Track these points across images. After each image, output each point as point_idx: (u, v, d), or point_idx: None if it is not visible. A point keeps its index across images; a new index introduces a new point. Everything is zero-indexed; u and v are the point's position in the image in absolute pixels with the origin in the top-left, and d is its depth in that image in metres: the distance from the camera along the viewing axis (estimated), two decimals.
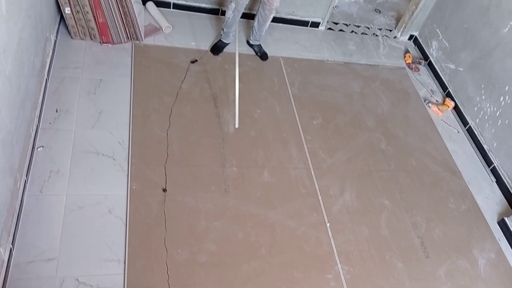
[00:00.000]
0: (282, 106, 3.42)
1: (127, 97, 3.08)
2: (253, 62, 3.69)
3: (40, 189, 2.47)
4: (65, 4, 3.09)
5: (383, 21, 4.67)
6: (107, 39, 3.33)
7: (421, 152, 3.45)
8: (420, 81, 4.12)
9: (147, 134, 2.92)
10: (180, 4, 3.86)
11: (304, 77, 3.72)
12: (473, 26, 3.78)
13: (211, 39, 3.72)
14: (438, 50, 4.19)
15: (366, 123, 3.52)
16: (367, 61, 4.10)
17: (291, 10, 4.09)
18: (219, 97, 3.31)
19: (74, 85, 3.04)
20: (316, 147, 3.22)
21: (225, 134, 3.09)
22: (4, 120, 2.06)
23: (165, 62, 3.41)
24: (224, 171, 2.88)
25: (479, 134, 3.65)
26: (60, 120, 2.82)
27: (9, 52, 2.09)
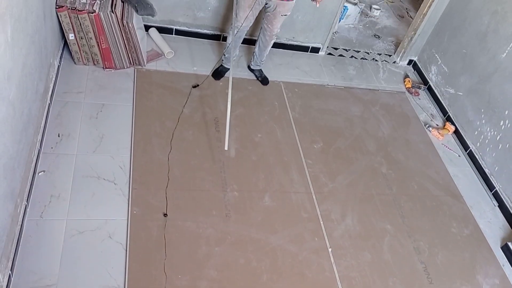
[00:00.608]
0: (283, 130, 3.43)
1: (129, 122, 3.10)
2: (254, 86, 3.72)
3: (40, 214, 2.46)
4: (69, 31, 3.14)
5: (382, 46, 4.73)
6: (109, 65, 3.38)
7: (423, 176, 3.45)
8: (420, 105, 4.15)
9: (148, 158, 2.92)
10: (182, 30, 3.92)
11: (304, 101, 3.74)
12: (471, 52, 3.82)
13: (212, 64, 3.76)
14: (437, 75, 4.23)
15: (367, 147, 3.53)
16: (367, 86, 4.14)
17: (292, 36, 4.15)
18: (221, 121, 3.32)
19: (76, 109, 3.06)
20: (317, 171, 3.22)
21: (226, 158, 3.09)
22: (6, 145, 2.07)
23: (167, 87, 3.44)
24: (225, 195, 2.87)
25: (480, 158, 3.65)
26: (62, 145, 2.82)
27: (13, 78, 2.11)
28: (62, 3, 3.02)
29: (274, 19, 3.30)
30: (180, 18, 3.85)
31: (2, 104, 1.98)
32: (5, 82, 2.00)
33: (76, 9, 3.02)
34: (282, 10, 3.22)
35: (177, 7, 3.76)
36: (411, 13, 5.38)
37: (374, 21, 5.08)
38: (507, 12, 3.47)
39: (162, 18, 3.79)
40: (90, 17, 3.06)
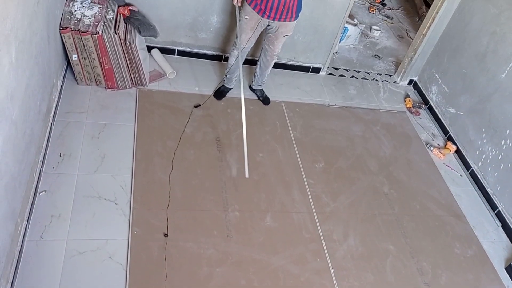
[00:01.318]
0: (285, 150, 3.43)
1: (131, 141, 3.11)
2: (255, 106, 3.74)
3: (40, 235, 2.44)
4: (73, 51, 3.17)
5: (382, 66, 4.77)
6: (112, 85, 3.40)
7: (425, 196, 3.43)
8: (421, 125, 4.16)
9: (149, 178, 2.92)
10: (184, 51, 3.96)
11: (306, 121, 3.75)
12: (471, 72, 3.85)
13: (214, 84, 3.79)
14: (438, 95, 4.25)
15: (368, 166, 3.52)
16: (368, 105, 4.16)
17: (292, 56, 4.19)
18: (222, 141, 3.33)
19: (78, 129, 3.07)
20: (319, 191, 3.21)
21: (228, 178, 3.09)
22: (8, 165, 2.07)
23: (169, 106, 3.46)
24: (227, 215, 2.86)
25: (482, 178, 3.64)
26: (63, 165, 2.83)
27: (16, 98, 2.13)
28: (66, 25, 3.06)
29: (276, 40, 3.34)
30: (182, 39, 3.89)
31: (5, 124, 1.99)
32: (8, 102, 2.01)
33: (79, 31, 3.06)
34: (284, 30, 3.26)
35: (180, 28, 3.81)
36: (411, 33, 5.44)
37: (374, 42, 5.13)
38: (505, 33, 3.50)
39: (164, 39, 3.84)
40: (94, 38, 3.10)
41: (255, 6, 3.10)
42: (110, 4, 3.38)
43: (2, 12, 1.83)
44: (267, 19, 3.15)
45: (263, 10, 3.09)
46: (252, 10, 3.12)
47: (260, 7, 3.09)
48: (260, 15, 3.13)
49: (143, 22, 3.48)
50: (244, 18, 3.17)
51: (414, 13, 5.95)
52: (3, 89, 1.92)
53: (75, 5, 3.19)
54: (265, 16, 3.12)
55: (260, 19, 3.16)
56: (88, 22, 3.13)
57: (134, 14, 3.46)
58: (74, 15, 3.14)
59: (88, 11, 3.19)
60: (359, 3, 5.74)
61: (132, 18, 3.42)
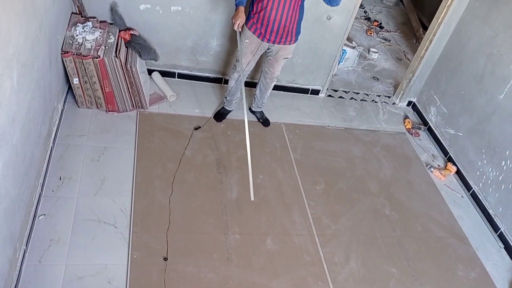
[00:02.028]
0: (285, 172, 3.43)
1: (131, 164, 3.11)
2: (255, 128, 3.75)
3: (39, 259, 2.42)
4: (74, 75, 3.20)
5: (381, 88, 4.80)
6: (113, 108, 3.42)
7: (426, 217, 3.41)
8: (421, 146, 4.17)
9: (149, 201, 2.91)
10: (185, 74, 4.00)
11: (305, 142, 3.76)
12: (470, 93, 3.88)
13: (214, 106, 3.81)
14: (437, 116, 4.27)
15: (369, 188, 3.51)
16: (367, 127, 4.17)
17: (292, 79, 4.23)
18: (222, 163, 3.33)
19: (79, 152, 3.07)
20: (320, 213, 3.19)
21: (228, 200, 3.08)
22: (8, 189, 2.06)
23: (169, 129, 3.47)
24: (227, 238, 2.83)
25: (483, 199, 3.63)
26: (63, 188, 2.82)
27: (17, 122, 2.13)
28: (67, 49, 3.10)
29: (276, 62, 3.37)
30: (183, 62, 3.93)
31: (6, 148, 1.99)
32: (10, 126, 2.02)
33: (81, 55, 3.09)
34: (284, 53, 3.30)
35: (180, 52, 3.85)
36: (409, 55, 5.50)
37: (372, 64, 5.18)
38: (502, 55, 3.54)
39: (165, 62, 3.88)
40: (95, 62, 3.13)
41: (255, 30, 3.14)
42: (112, 29, 3.43)
43: (5, 37, 1.86)
44: (267, 42, 3.19)
45: (263, 34, 3.14)
46: (252, 34, 3.16)
47: (260, 31, 3.13)
48: (260, 39, 3.17)
49: (144, 46, 3.52)
50: (244, 42, 3.21)
51: (411, 36, 6.03)
52: (5, 113, 1.93)
53: (77, 30, 3.23)
54: (265, 39, 3.16)
55: (260, 43, 3.20)
56: (89, 46, 3.17)
57: (135, 38, 3.50)
58: (76, 39, 3.18)
59: (90, 35, 3.23)
60: (357, 26, 5.82)
61: (133, 42, 3.46)
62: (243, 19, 3.03)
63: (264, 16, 3.05)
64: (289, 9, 3.02)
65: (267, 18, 3.05)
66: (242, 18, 3.02)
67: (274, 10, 3.01)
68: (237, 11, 3.02)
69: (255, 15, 3.09)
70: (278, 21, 3.06)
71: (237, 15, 3.01)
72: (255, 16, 3.10)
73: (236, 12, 3.02)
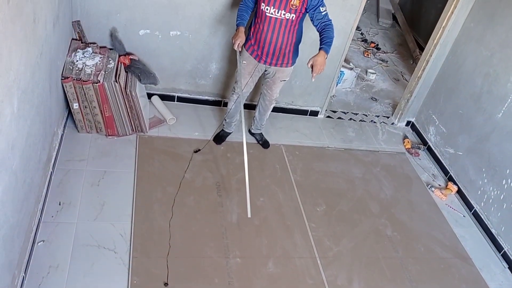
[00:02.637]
0: (285, 193, 3.42)
1: (131, 188, 3.10)
2: (255, 150, 3.75)
3: (38, 286, 2.39)
4: (74, 100, 3.22)
5: (380, 108, 4.83)
6: (112, 132, 3.43)
7: (429, 237, 3.38)
8: (421, 165, 4.16)
9: (149, 225, 2.89)
10: (184, 97, 4.02)
11: (305, 164, 3.76)
12: (468, 112, 3.90)
13: (214, 129, 3.82)
14: (436, 135, 4.28)
15: (370, 208, 3.49)
16: (367, 147, 4.17)
17: (291, 100, 4.25)
18: (222, 185, 3.32)
19: (78, 177, 3.06)
20: (321, 235, 3.16)
21: (228, 223, 3.05)
22: (7, 215, 2.05)
23: (169, 152, 3.47)
24: (228, 262, 2.80)
25: (485, 218, 3.60)
26: (63, 213, 2.80)
27: (17, 148, 2.14)
28: (67, 74, 3.12)
29: (274, 85, 3.40)
30: (182, 86, 3.96)
31: (5, 174, 1.98)
32: (9, 152, 2.02)
33: (81, 80, 3.12)
34: (281, 75, 3.33)
35: (179, 76, 3.89)
36: (406, 76, 5.55)
37: (370, 85, 5.22)
38: (499, 74, 3.57)
39: (164, 86, 3.91)
40: (95, 87, 3.15)
41: (252, 52, 3.18)
42: (111, 54, 3.47)
43: (6, 65, 1.87)
44: (263, 64, 3.22)
45: (259, 55, 3.17)
46: (249, 56, 3.20)
47: (257, 53, 3.17)
48: (257, 60, 3.20)
49: (143, 70, 3.55)
50: (242, 63, 3.24)
51: (408, 57, 6.09)
52: (4, 140, 1.94)
53: (77, 56, 3.27)
54: (262, 61, 3.20)
55: (257, 64, 3.23)
56: (89, 71, 3.19)
57: (134, 63, 3.53)
58: (76, 65, 3.21)
59: (90, 61, 3.26)
60: (354, 47, 5.89)
61: (132, 66, 3.49)
62: (243, 39, 3.07)
63: (261, 38, 3.09)
64: (285, 31, 3.05)
65: (263, 40, 3.09)
66: (242, 38, 3.05)
67: (270, 33, 3.05)
68: (237, 31, 3.07)
69: (253, 36, 3.14)
70: (274, 43, 3.09)
71: (237, 35, 3.05)
72: (252, 37, 3.14)
73: (236, 32, 3.06)
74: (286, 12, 2.96)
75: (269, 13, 2.98)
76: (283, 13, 2.96)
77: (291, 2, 2.93)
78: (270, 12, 2.98)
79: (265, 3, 2.96)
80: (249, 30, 3.17)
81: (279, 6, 2.94)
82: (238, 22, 3.08)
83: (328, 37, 2.97)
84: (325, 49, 2.95)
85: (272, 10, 2.97)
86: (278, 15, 2.98)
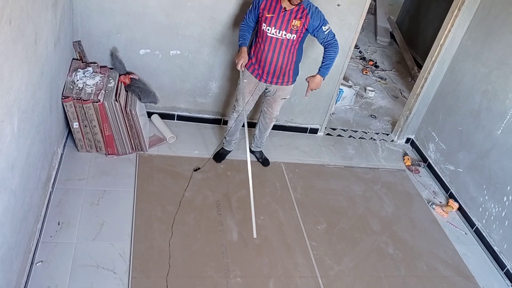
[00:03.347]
0: (286, 212, 3.40)
1: (130, 207, 3.08)
2: (255, 168, 3.74)
3: None
4: (74, 119, 3.22)
5: (379, 125, 4.84)
6: (112, 151, 3.42)
7: (431, 255, 3.35)
8: (422, 182, 4.15)
9: (149, 244, 2.86)
10: (184, 115, 4.03)
11: (306, 181, 3.75)
12: (467, 129, 3.90)
13: (213, 147, 3.82)
14: (436, 152, 4.28)
15: (371, 226, 3.47)
16: (367, 164, 4.17)
17: (290, 118, 4.26)
18: (222, 204, 3.30)
19: (78, 196, 3.05)
20: (322, 254, 3.13)
21: (229, 242, 3.03)
22: (6, 236, 2.03)
23: (169, 171, 3.47)
24: (228, 282, 2.77)
25: (487, 236, 3.58)
26: (62, 233, 2.78)
27: (17, 167, 2.13)
28: (68, 94, 3.13)
29: (274, 103, 3.41)
30: (182, 104, 3.98)
31: (4, 194, 1.97)
32: (9, 172, 2.01)
33: (81, 99, 3.13)
34: (282, 94, 3.35)
35: (179, 94, 3.90)
36: (405, 93, 5.58)
37: (369, 102, 5.25)
38: (497, 91, 3.59)
39: (164, 104, 3.92)
40: (95, 106, 3.16)
41: (253, 71, 3.21)
42: (112, 73, 3.49)
43: (7, 85, 1.88)
44: (264, 83, 3.24)
45: (260, 74, 3.19)
46: (250, 74, 3.23)
47: (258, 72, 3.19)
48: (258, 79, 3.22)
49: (143, 89, 3.57)
50: (243, 81, 3.27)
51: (406, 74, 6.14)
52: (4, 159, 1.93)
53: (77, 75, 3.28)
54: (263, 80, 3.22)
55: (258, 83, 3.25)
56: (90, 91, 3.21)
57: (134, 82, 3.55)
58: (77, 84, 3.23)
59: (90, 80, 3.28)
60: (352, 65, 5.93)
61: (133, 85, 3.51)
62: (246, 59, 3.10)
63: (261, 57, 3.12)
64: (285, 51, 3.08)
65: (264, 59, 3.12)
66: (245, 58, 3.09)
67: (271, 52, 3.08)
68: (240, 51, 3.10)
69: (254, 56, 3.16)
70: (274, 62, 3.12)
71: (240, 55, 3.09)
72: (253, 56, 3.17)
73: (239, 52, 3.10)
74: (287, 33, 3.00)
75: (270, 33, 3.01)
76: (284, 33, 3.00)
77: (292, 23, 2.97)
78: (271, 33, 3.01)
79: (266, 23, 2.99)
80: (250, 49, 3.20)
81: (280, 26, 2.98)
82: (240, 42, 3.12)
83: (328, 58, 3.09)
84: (322, 73, 3.16)
85: (273, 31, 3.00)
86: (279, 35, 3.01)
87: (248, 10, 3.12)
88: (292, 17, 2.97)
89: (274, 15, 2.97)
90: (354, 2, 3.63)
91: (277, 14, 2.97)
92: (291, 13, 2.96)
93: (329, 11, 3.56)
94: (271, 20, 2.98)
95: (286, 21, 2.97)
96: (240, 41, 3.12)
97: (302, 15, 2.96)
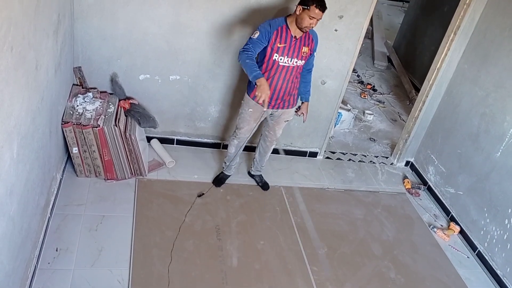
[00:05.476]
0: (286, 236, 3.37)
1: (129, 233, 3.05)
2: (254, 192, 3.73)
3: None
4: (73, 144, 3.22)
5: (378, 149, 4.84)
6: (111, 176, 3.42)
7: (433, 280, 3.31)
8: (422, 206, 4.13)
9: (147, 271, 2.82)
10: (183, 140, 4.04)
11: (306, 205, 3.72)
12: (466, 152, 3.91)
13: (213, 171, 3.81)
14: (436, 175, 4.27)
15: (372, 250, 3.43)
16: (367, 188, 4.15)
17: (289, 142, 4.27)
18: (222, 229, 3.27)
19: (76, 222, 3.03)
20: (323, 279, 3.09)
21: (229, 268, 2.99)
22: (3, 262, 2.01)
23: (168, 196, 3.45)
24: None
25: (490, 259, 3.54)
26: (59, 260, 2.74)
27: (15, 193, 2.12)
28: (67, 119, 3.15)
29: (277, 125, 3.43)
30: (181, 129, 3.99)
31: (2, 220, 1.96)
32: (7, 197, 2.00)
33: (81, 124, 3.14)
34: (287, 116, 3.38)
35: (179, 119, 3.92)
36: (403, 116, 5.60)
37: (368, 125, 5.27)
38: (495, 114, 3.61)
39: (163, 129, 3.93)
40: (94, 131, 3.17)
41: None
42: (112, 98, 3.51)
43: (7, 111, 1.89)
44: (271, 109, 3.26)
45: (268, 102, 3.15)
46: (255, 104, 3.17)
47: None
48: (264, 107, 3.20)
49: (143, 114, 3.58)
50: (248, 111, 3.27)
51: (404, 97, 6.18)
52: (3, 185, 1.92)
53: (77, 101, 3.31)
54: (270, 107, 3.22)
55: (263, 111, 3.25)
56: (89, 116, 3.22)
57: (134, 107, 3.57)
58: (76, 109, 3.24)
59: (90, 105, 3.29)
60: (350, 89, 5.98)
61: (132, 110, 3.53)
62: (269, 92, 2.86)
63: (271, 85, 3.11)
64: (292, 76, 3.14)
65: (274, 87, 3.13)
66: (268, 92, 2.84)
67: (281, 80, 3.12)
68: (260, 83, 2.81)
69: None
70: (284, 88, 3.16)
71: (263, 89, 2.81)
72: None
73: (261, 85, 2.81)
74: (298, 60, 3.08)
75: (283, 62, 3.06)
76: (295, 61, 3.07)
77: (302, 50, 3.05)
78: (284, 62, 3.06)
79: (279, 53, 3.03)
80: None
81: (292, 55, 3.05)
82: (256, 73, 2.84)
83: (309, 83, 3.37)
84: (307, 99, 3.43)
85: (286, 60, 3.06)
86: (291, 63, 3.07)
87: (251, 39, 2.96)
88: (302, 44, 3.06)
89: (287, 45, 3.01)
90: (351, 27, 3.69)
91: (289, 43, 3.01)
92: (301, 40, 3.04)
93: (327, 36, 3.62)
94: (283, 50, 3.02)
95: (298, 49, 3.05)
96: (255, 72, 2.84)
97: (309, 41, 3.08)
